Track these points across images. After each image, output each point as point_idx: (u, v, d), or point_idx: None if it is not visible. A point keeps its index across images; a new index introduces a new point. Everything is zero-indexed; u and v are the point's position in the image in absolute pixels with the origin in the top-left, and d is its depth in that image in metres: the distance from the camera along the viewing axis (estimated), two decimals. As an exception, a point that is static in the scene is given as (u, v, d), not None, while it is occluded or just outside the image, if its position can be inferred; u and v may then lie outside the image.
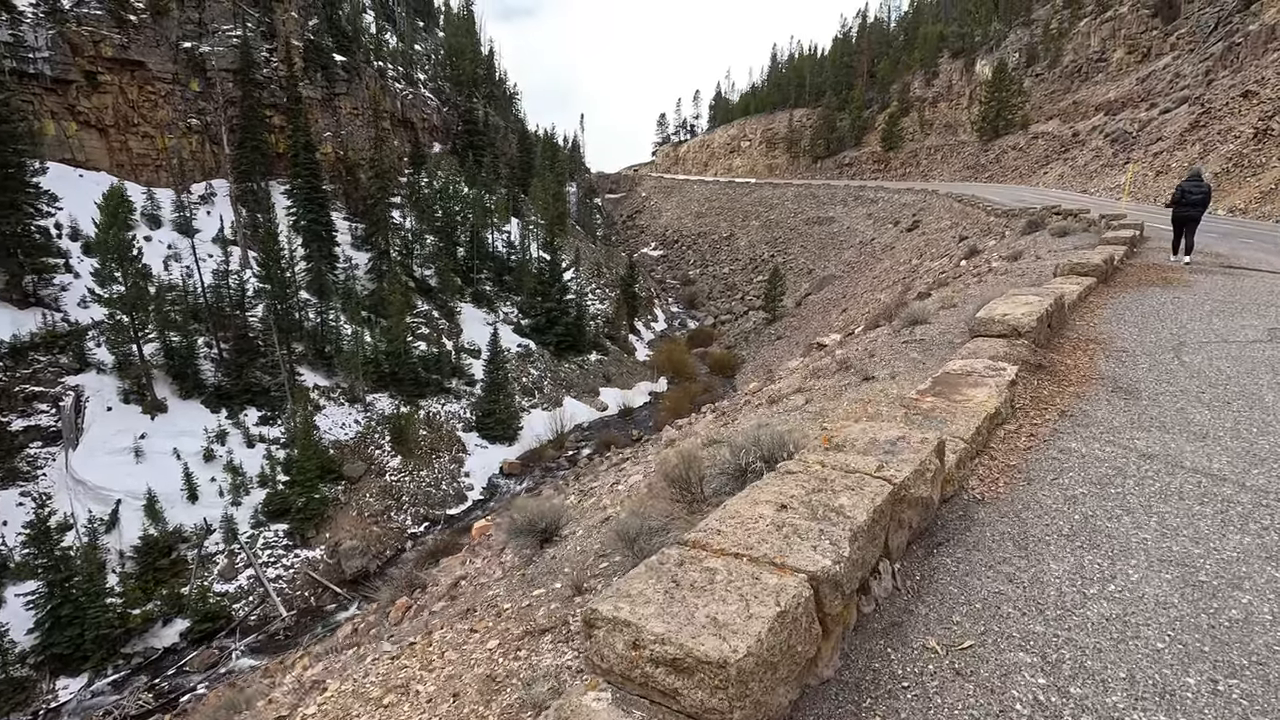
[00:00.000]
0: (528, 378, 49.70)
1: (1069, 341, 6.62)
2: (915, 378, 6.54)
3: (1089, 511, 3.30)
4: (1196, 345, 6.54)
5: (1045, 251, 18.96)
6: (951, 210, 52.24)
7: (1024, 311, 6.08)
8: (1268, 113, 38.89)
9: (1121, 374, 5.54)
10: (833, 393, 6.77)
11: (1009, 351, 5.45)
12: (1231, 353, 6.27)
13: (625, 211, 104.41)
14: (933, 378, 4.88)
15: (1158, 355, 6.16)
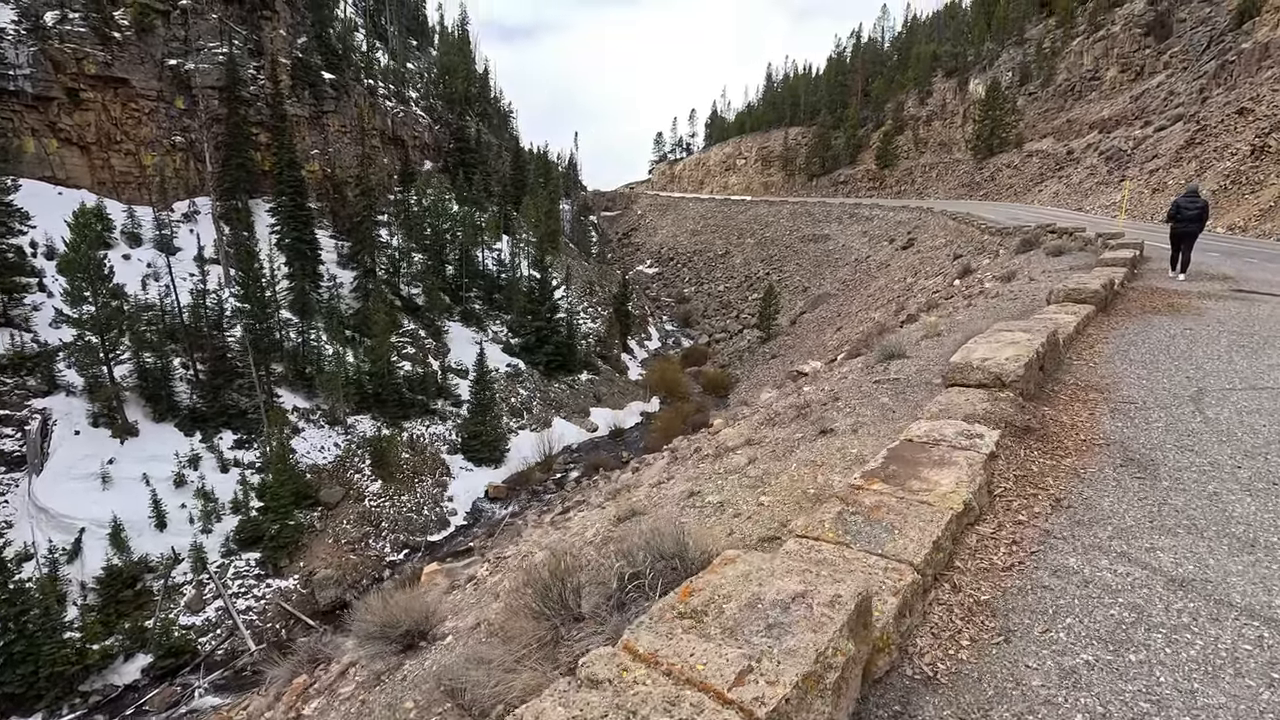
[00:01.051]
0: (516, 398, 48.50)
1: (1065, 388, 5.45)
2: (880, 432, 5.36)
3: (1098, 702, 2.09)
4: (1219, 394, 5.36)
5: (1039, 272, 17.83)
6: (946, 228, 51.33)
7: (1009, 355, 4.92)
8: (1264, 129, 37.98)
9: (1132, 437, 4.36)
10: (782, 450, 5.61)
11: (989, 409, 4.29)
12: (1264, 404, 5.08)
13: (621, 229, 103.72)
14: (888, 449, 3.71)
15: (1174, 408, 4.97)
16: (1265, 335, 7.64)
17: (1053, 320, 7.27)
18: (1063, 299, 8.83)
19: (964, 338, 6.66)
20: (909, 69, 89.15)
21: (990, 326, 6.38)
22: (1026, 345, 5.27)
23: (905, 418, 5.82)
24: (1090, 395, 5.26)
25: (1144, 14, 65.78)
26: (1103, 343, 7.25)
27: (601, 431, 49.45)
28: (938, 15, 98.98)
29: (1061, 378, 5.79)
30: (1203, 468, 3.85)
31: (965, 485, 3.18)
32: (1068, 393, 5.34)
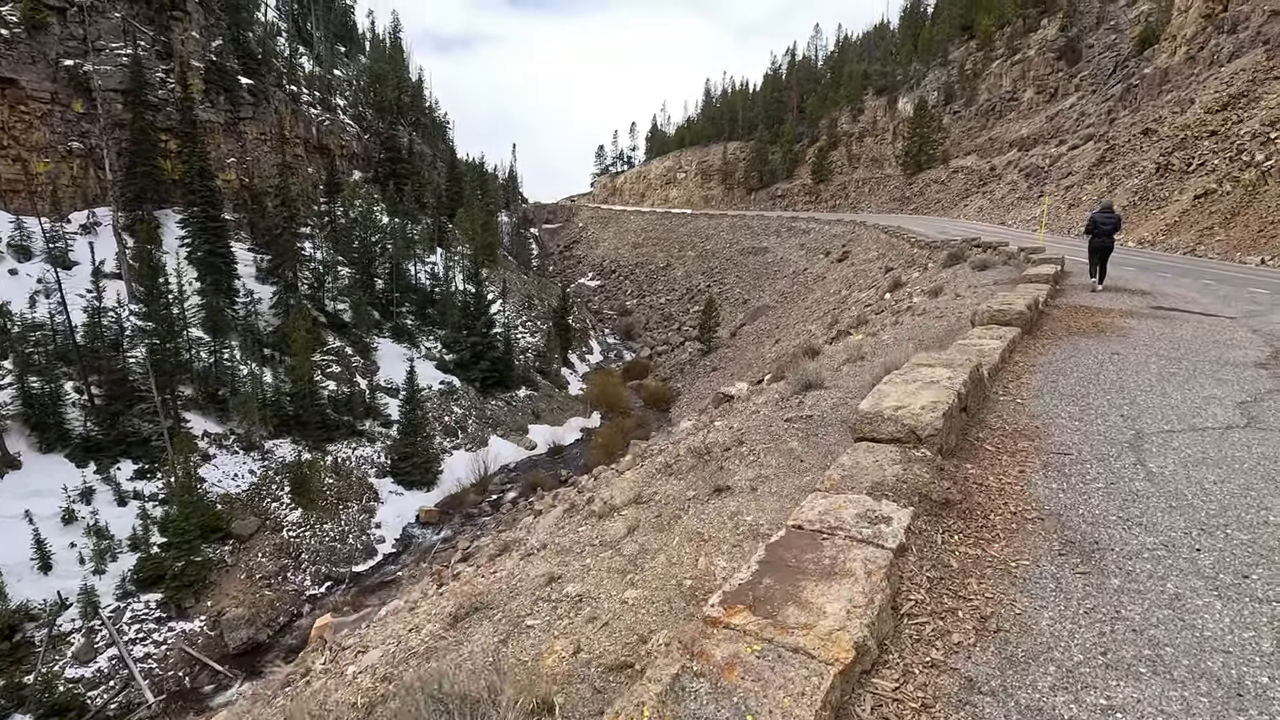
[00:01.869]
0: (450, 417, 46.58)
1: (991, 434, 4.68)
2: (782, 491, 4.48)
3: None
4: (1159, 438, 4.68)
5: (965, 287, 17.61)
6: (879, 241, 52.10)
7: (926, 402, 4.11)
8: (1167, 149, 39.80)
9: (1070, 505, 3.58)
10: (669, 514, 4.69)
11: (901, 474, 3.45)
12: (1208, 451, 4.41)
13: (562, 242, 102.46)
14: (767, 547, 2.79)
15: (1113, 460, 4.24)
16: (1192, 360, 7.15)
17: (977, 348, 6.58)
18: (987, 320, 8.23)
19: (883, 370, 5.88)
20: (841, 87, 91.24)
21: (909, 358, 5.60)
22: (946, 387, 4.47)
23: (813, 469, 4.97)
24: (1019, 444, 4.50)
25: (1056, 39, 68.95)
26: (1030, 372, 6.60)
27: (540, 449, 48.00)
28: (868, 35, 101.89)
29: (987, 419, 5.03)
30: (1156, 552, 3.08)
31: (860, 614, 2.28)
32: (994, 440, 4.57)
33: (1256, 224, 29.00)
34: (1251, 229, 28.98)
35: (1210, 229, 31.63)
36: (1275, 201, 29.10)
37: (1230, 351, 7.66)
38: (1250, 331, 9.03)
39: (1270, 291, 14.84)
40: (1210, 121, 37.27)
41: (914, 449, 3.81)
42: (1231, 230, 30.13)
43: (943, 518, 3.26)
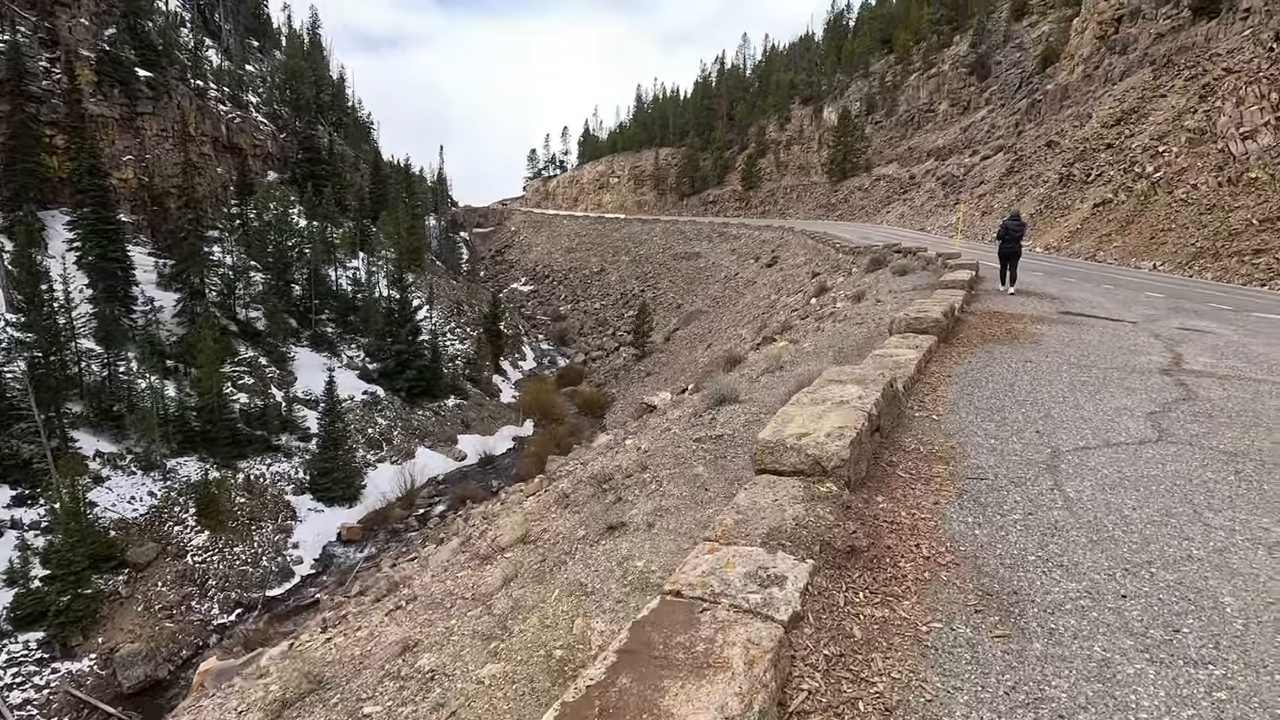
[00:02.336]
0: (374, 429, 44.54)
1: (905, 458, 4.31)
2: (681, 527, 3.97)
3: None
4: (1076, 455, 4.41)
5: (886, 292, 17.76)
6: (806, 247, 53.00)
7: (833, 427, 3.68)
8: (1069, 160, 42.05)
9: (987, 544, 3.20)
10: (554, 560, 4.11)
11: (802, 516, 2.98)
12: (1124, 469, 4.16)
13: (494, 246, 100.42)
14: (631, 628, 2.25)
15: (1031, 484, 3.92)
16: (1102, 369, 7.08)
17: (893, 360, 6.28)
18: (904, 329, 8.01)
19: (797, 385, 5.48)
20: (769, 95, 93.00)
21: (823, 372, 5.21)
22: (857, 408, 4.05)
23: (718, 498, 4.48)
24: (934, 468, 4.13)
25: (968, 55, 72.22)
26: (946, 384, 6.34)
27: (471, 460, 46.50)
28: (794, 46, 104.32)
29: (901, 440, 4.66)
30: (1080, 602, 2.70)
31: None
32: (908, 465, 4.18)
33: (1148, 231, 30.83)
34: (1144, 236, 30.79)
35: (1108, 235, 33.46)
36: (1164, 211, 31.02)
37: (1136, 358, 7.67)
38: (1151, 336, 9.18)
39: (1164, 296, 15.51)
40: (1106, 135, 39.55)
41: (819, 483, 3.35)
42: (1126, 237, 31.94)
43: (847, 569, 2.79)
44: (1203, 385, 6.39)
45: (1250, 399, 5.96)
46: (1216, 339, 9.20)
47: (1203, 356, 7.78)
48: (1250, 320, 11.64)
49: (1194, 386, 6.34)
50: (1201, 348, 8.40)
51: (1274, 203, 25.32)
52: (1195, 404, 5.73)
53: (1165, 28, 46.24)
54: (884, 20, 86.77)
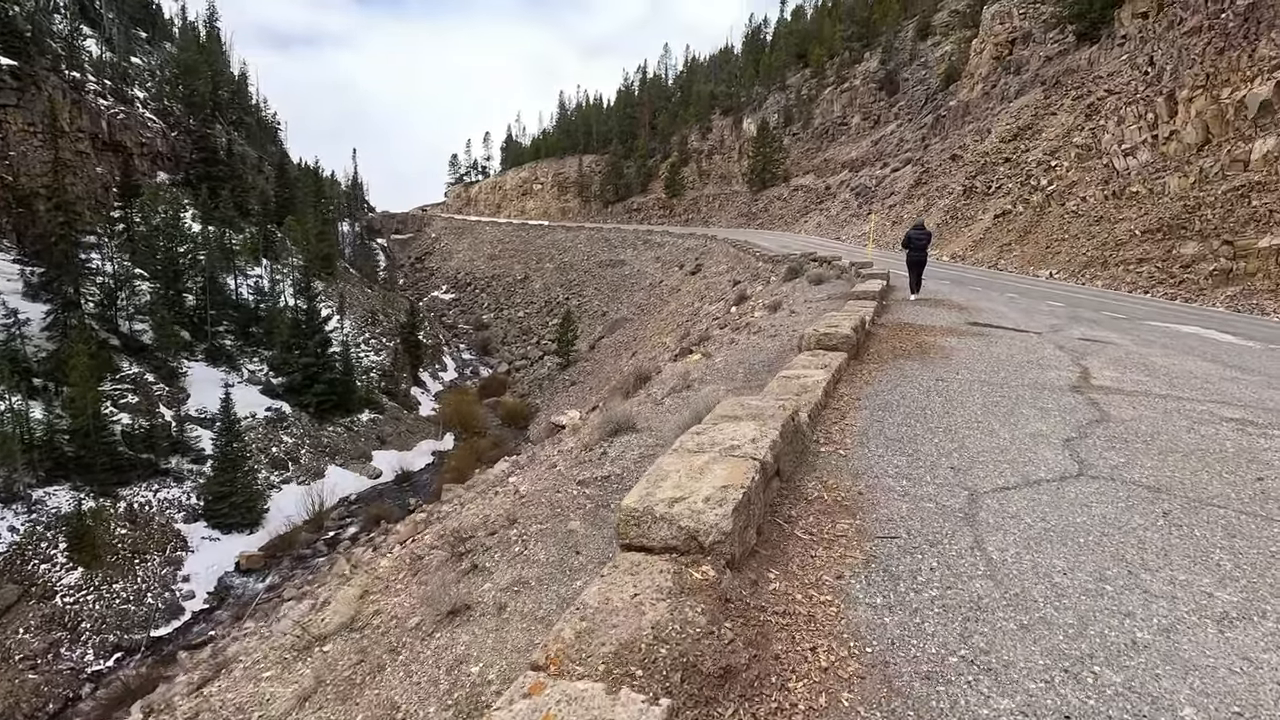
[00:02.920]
0: (279, 447, 41.59)
1: (805, 511, 3.65)
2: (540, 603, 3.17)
3: None
4: (995, 499, 3.88)
5: (801, 302, 17.57)
6: (728, 255, 53.37)
7: (715, 489, 2.95)
8: (971, 173, 43.99)
9: (899, 641, 2.53)
10: (376, 656, 3.22)
11: (664, 626, 2.22)
12: (1049, 517, 3.64)
13: (413, 253, 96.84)
14: None
15: (949, 544, 3.32)
16: (1013, 387, 6.75)
17: (799, 383, 5.69)
18: (814, 345, 7.49)
19: (693, 417, 4.77)
20: (691, 105, 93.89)
21: (720, 402, 4.51)
22: (749, 455, 3.35)
23: (589, 565, 3.70)
24: (839, 525, 3.48)
25: (877, 71, 75.01)
26: (855, 408, 5.80)
27: (386, 477, 44.14)
28: (714, 58, 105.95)
29: (804, 485, 4.01)
30: (1016, 728, 2.07)
31: None
32: (809, 521, 3.52)
33: (1044, 241, 32.39)
34: (1040, 245, 32.31)
35: (1008, 245, 35.00)
36: (1057, 222, 32.69)
37: (1045, 373, 7.41)
38: (1057, 348, 9.06)
39: (1063, 304, 15.91)
40: (1004, 150, 41.54)
41: (694, 565, 2.61)
42: (1025, 246, 33.47)
43: (717, 703, 2.05)
44: (1114, 404, 6.11)
45: (1160, 418, 5.68)
46: (1117, 350, 9.17)
47: (1108, 370, 7.62)
48: (1143, 330, 11.88)
49: (1106, 406, 6.04)
50: (1105, 360, 8.29)
51: (1153, 215, 26.94)
52: (1110, 427, 5.38)
53: (1053, 51, 49.19)
54: (799, 36, 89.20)
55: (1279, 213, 21.10)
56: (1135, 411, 5.86)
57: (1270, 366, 8.55)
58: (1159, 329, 12.10)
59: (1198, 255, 23.66)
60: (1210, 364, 8.45)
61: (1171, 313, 16.96)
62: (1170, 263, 24.55)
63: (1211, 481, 4.23)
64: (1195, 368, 8.12)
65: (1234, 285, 21.93)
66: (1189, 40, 29.18)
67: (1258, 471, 4.42)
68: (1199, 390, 6.83)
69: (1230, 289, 21.94)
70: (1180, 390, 6.79)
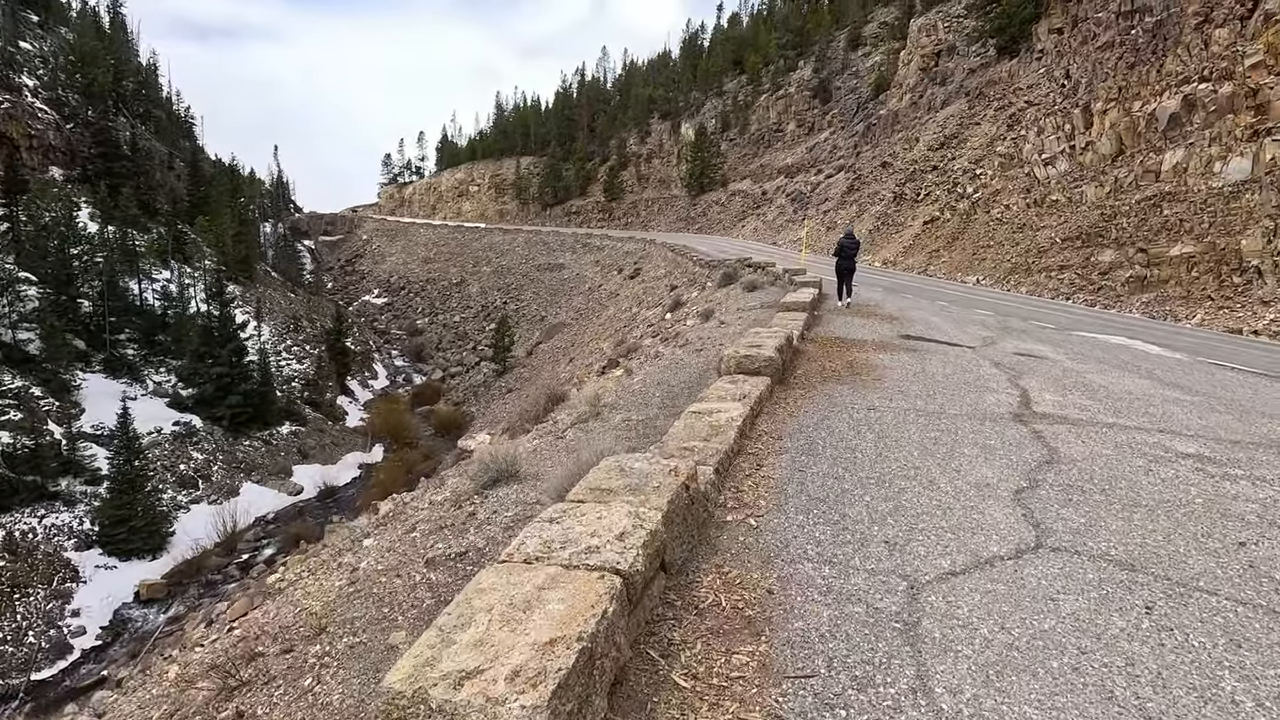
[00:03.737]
0: (188, 464, 38.46)
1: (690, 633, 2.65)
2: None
3: None
4: (940, 593, 2.99)
5: (734, 310, 16.83)
6: (666, 259, 52.80)
7: (538, 644, 1.91)
8: (901, 180, 44.67)
9: None
10: None
11: None
12: (1010, 625, 2.77)
13: (343, 255, 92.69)
14: None
15: (885, 683, 2.40)
16: (952, 416, 5.99)
17: (709, 423, 4.74)
18: (734, 369, 6.58)
19: (575, 469, 3.75)
20: (629, 109, 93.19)
21: (596, 466, 3.49)
22: (608, 567, 2.34)
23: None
24: (735, 656, 2.49)
25: (811, 80, 75.99)
26: (775, 451, 4.89)
27: (309, 493, 41.47)
28: (653, 62, 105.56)
29: (698, 576, 3.03)
30: None
31: None
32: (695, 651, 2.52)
33: (971, 248, 32.91)
34: (967, 252, 32.81)
35: (937, 251, 35.46)
36: (983, 229, 33.29)
37: (984, 397, 6.71)
38: (993, 365, 8.46)
39: (993, 313, 15.66)
40: (932, 158, 42.28)
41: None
42: (953, 253, 33.95)
43: None
44: (1061, 438, 5.40)
45: (1113, 456, 4.98)
46: (1053, 366, 8.65)
47: (1049, 393, 6.99)
48: (1074, 341, 11.55)
49: (1053, 440, 5.32)
50: (1044, 379, 7.70)
51: (1072, 223, 27.57)
52: (1062, 471, 4.63)
53: (976, 63, 50.58)
54: (736, 42, 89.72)
55: (1189, 222, 21.70)
56: (1086, 447, 5.16)
57: (1204, 384, 8.16)
58: (1088, 340, 11.81)
59: (1114, 263, 24.22)
60: (1147, 381, 7.99)
61: (1095, 321, 17.00)
62: (1089, 270, 25.08)
63: (1190, 552, 3.47)
64: (1134, 386, 7.62)
65: (1148, 292, 22.46)
66: (1102, 55, 30.11)
67: (1237, 533, 3.70)
68: (1145, 417, 6.25)
69: (1145, 295, 22.46)
70: (1126, 417, 6.18)
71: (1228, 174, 20.99)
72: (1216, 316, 19.33)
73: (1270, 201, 19.34)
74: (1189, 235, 21.54)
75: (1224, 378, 8.68)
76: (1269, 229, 19.18)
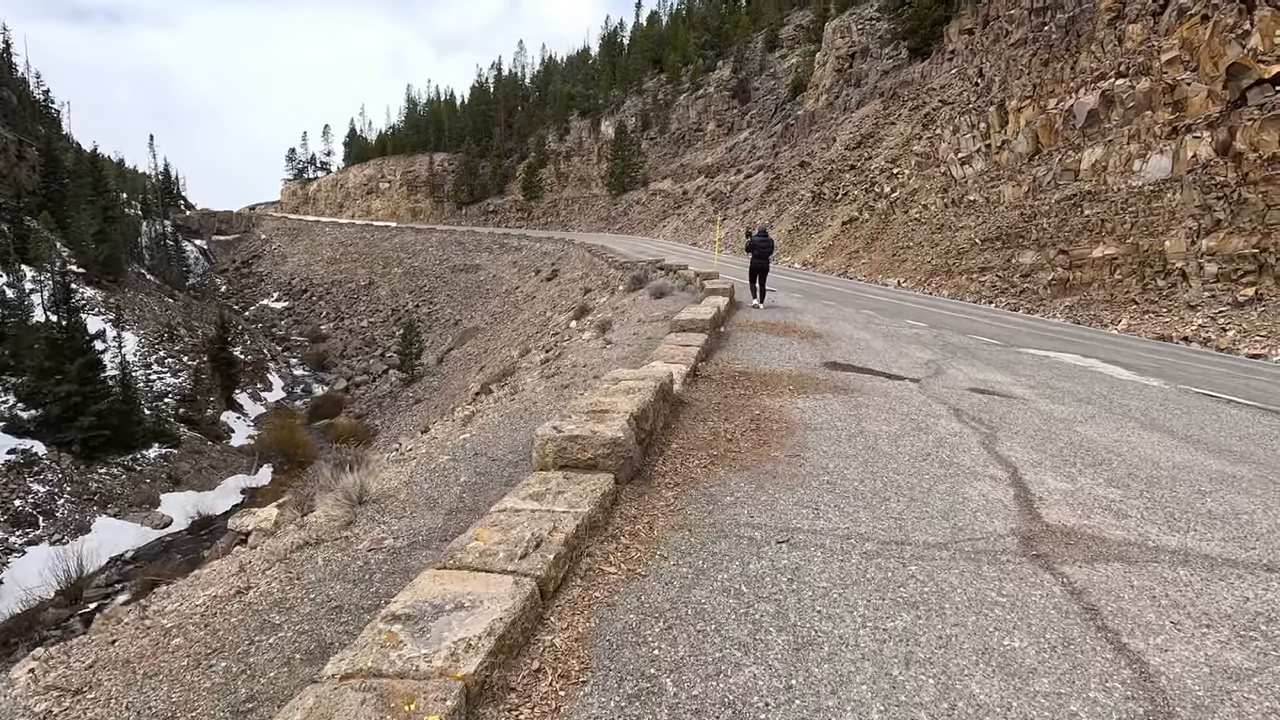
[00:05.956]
0: (24, 499, 32.61)
1: None
2: None
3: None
4: None
5: (634, 322, 14.13)
6: (584, 260, 49.97)
7: None
8: (819, 179, 43.33)
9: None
10: None
11: None
12: None
13: (239, 256, 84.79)
14: None
15: None
16: (921, 553, 3.39)
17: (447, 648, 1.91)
18: (552, 462, 3.79)
19: None
20: (548, 106, 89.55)
21: None
22: None
23: None
24: None
25: (730, 80, 74.67)
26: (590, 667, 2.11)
27: (179, 524, 36.10)
28: (572, 59, 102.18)
29: None
30: None
31: None
32: None
33: (890, 248, 31.55)
34: (887, 253, 31.42)
35: (856, 252, 34.02)
36: (902, 229, 32.01)
37: (960, 490, 4.17)
38: (952, 415, 6.01)
39: (926, 325, 13.55)
40: (849, 157, 41.07)
41: None
42: (872, 254, 32.53)
43: None
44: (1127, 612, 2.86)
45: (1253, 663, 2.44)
46: (1027, 412, 6.30)
47: (1048, 474, 4.53)
48: (1029, 365, 9.37)
49: (1114, 619, 2.78)
50: (1028, 443, 5.26)
51: (991, 224, 26.41)
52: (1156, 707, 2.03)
53: (889, 65, 50.08)
54: (655, 41, 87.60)
55: (1110, 222, 20.57)
56: (1191, 648, 2.62)
57: (1225, 435, 5.97)
58: (1045, 363, 9.67)
59: (1036, 265, 23.01)
60: (1159, 436, 5.72)
61: (1031, 331, 15.24)
62: (1010, 272, 23.83)
63: None
64: (1150, 448, 5.30)
65: (1071, 295, 21.25)
66: (1015, 52, 29.21)
67: None
68: (1216, 528, 3.83)
69: (1068, 299, 21.25)
70: (1191, 531, 3.74)
71: (1148, 172, 19.94)
72: (1142, 321, 18.11)
73: (1192, 201, 18.28)
74: (1110, 236, 20.40)
75: (1238, 420, 6.57)
76: (1192, 229, 18.10)
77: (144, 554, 33.42)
